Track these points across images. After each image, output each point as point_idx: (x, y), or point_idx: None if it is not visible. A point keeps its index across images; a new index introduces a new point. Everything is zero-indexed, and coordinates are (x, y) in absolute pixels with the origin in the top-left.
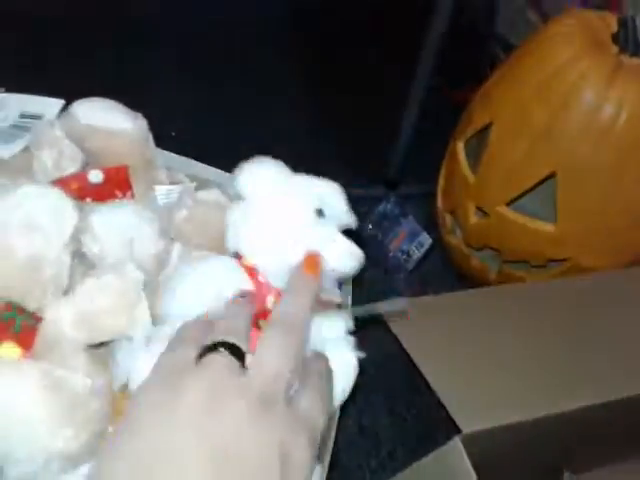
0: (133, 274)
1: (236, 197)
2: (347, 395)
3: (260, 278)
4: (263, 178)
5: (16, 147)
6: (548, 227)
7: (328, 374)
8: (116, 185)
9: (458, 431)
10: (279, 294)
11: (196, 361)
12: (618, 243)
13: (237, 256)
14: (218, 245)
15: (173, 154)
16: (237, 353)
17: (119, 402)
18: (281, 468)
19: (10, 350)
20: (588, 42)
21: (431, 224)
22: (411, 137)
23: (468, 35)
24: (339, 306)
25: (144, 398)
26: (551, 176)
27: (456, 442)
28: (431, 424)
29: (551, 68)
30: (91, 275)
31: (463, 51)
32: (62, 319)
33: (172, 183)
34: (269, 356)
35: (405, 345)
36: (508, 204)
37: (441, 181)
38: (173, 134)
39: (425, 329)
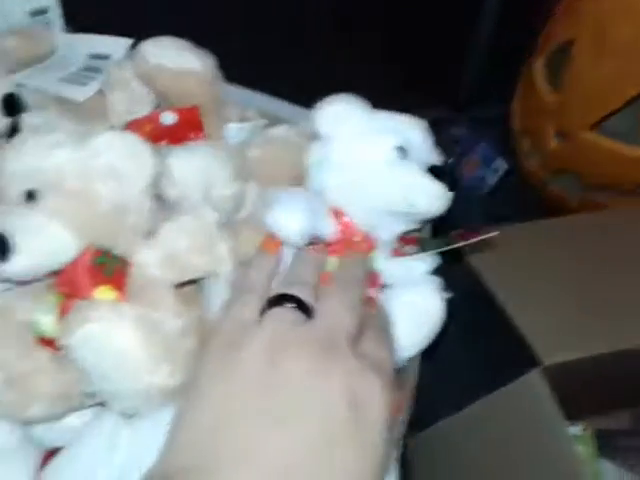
0: (210, 215)
1: (311, 134)
2: (432, 340)
3: (345, 219)
4: (343, 116)
5: (90, 90)
6: (637, 151)
7: (386, 318)
8: (189, 126)
9: (538, 363)
10: (365, 236)
11: (260, 315)
12: None
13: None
14: (292, 184)
15: (242, 89)
16: (303, 307)
17: None
18: (354, 417)
19: (106, 293)
20: None
21: (506, 149)
22: (483, 54)
23: None
24: (421, 247)
25: (208, 359)
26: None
27: (537, 373)
28: (508, 359)
29: None
30: (171, 219)
31: None
32: (149, 261)
33: (242, 120)
34: (330, 307)
35: (484, 278)
36: (592, 127)
37: (516, 102)
38: None
39: (503, 261)
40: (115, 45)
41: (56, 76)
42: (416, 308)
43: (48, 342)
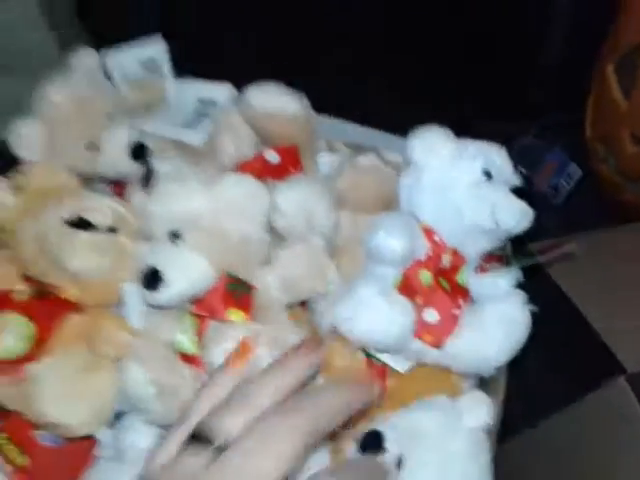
0: (317, 242)
1: (404, 160)
2: (517, 351)
3: (436, 237)
4: (434, 145)
5: (203, 134)
6: None
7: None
8: (290, 163)
9: (622, 372)
10: (454, 252)
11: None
12: None
13: None
14: (381, 209)
15: (329, 119)
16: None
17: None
18: None
19: (236, 315)
20: None
21: (579, 155)
22: (556, 59)
23: None
24: (505, 262)
25: None
26: None
27: (621, 381)
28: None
29: None
30: (284, 247)
31: None
32: (270, 285)
33: (330, 149)
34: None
35: (565, 289)
36: None
37: (589, 108)
38: None
39: (583, 270)
40: (220, 90)
41: (172, 122)
42: (505, 320)
43: (188, 359)
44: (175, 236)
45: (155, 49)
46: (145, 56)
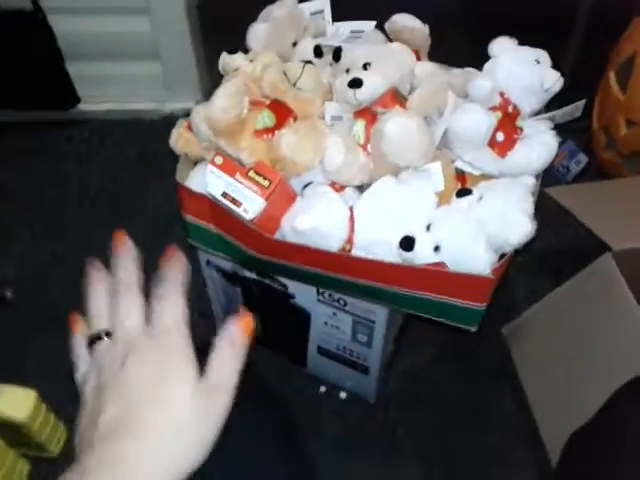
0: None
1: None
2: (546, 166)
3: (505, 96)
4: (505, 42)
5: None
6: None
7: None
8: None
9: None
10: (515, 106)
11: None
12: None
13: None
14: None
15: None
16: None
17: None
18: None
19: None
20: None
21: (585, 152)
22: (571, 72)
23: None
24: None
25: None
26: None
27: (607, 256)
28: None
29: None
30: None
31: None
32: (413, 98)
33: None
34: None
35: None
36: None
37: (596, 105)
38: None
39: (584, 193)
40: (366, 24)
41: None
42: (543, 142)
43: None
44: (365, 66)
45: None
46: (315, 7)
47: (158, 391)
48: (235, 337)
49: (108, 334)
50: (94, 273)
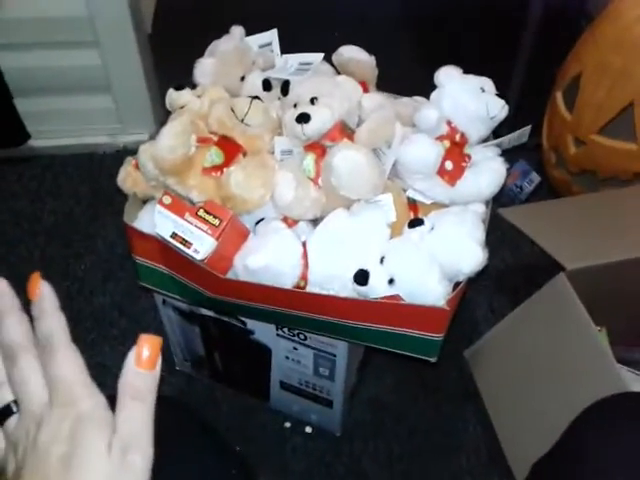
0: (388, 112)
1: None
2: (496, 192)
3: (452, 124)
4: (450, 71)
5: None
6: (630, 146)
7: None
8: None
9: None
10: (462, 134)
11: None
12: None
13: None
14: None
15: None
16: None
17: None
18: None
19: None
20: None
21: (537, 171)
22: (518, 93)
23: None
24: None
25: None
26: (630, 105)
27: (561, 276)
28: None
29: (623, 24)
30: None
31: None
32: (362, 131)
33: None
34: None
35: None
36: (598, 132)
37: (545, 125)
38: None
39: (536, 213)
40: (314, 56)
41: (285, 74)
42: (491, 169)
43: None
44: (313, 100)
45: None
46: (262, 41)
47: (72, 465)
48: (137, 376)
49: (17, 403)
50: None
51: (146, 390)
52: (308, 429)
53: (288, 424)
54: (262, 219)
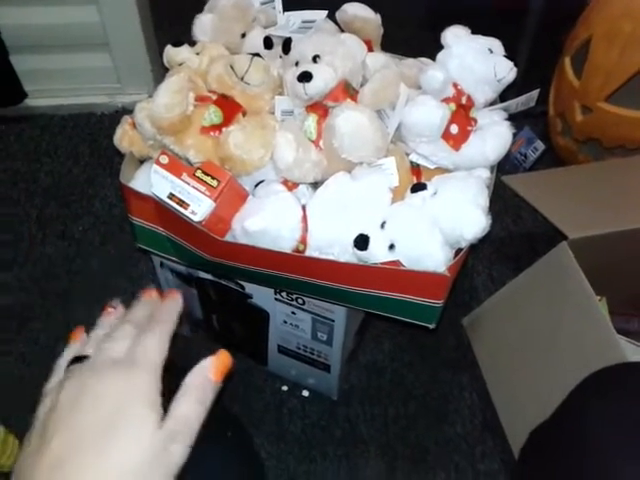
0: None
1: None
2: (501, 158)
3: (459, 87)
4: (458, 31)
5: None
6: (638, 114)
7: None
8: None
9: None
10: (469, 97)
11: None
12: None
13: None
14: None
15: None
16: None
17: None
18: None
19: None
20: None
21: (542, 136)
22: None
23: None
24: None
25: None
26: (639, 72)
27: (563, 245)
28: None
29: None
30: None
31: None
32: (365, 91)
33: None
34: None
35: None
36: (606, 98)
37: (552, 91)
38: None
39: (540, 181)
40: (317, 13)
41: (287, 31)
42: (497, 133)
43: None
44: (315, 58)
45: None
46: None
47: (109, 435)
48: (207, 382)
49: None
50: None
51: (209, 396)
52: (305, 393)
53: (285, 387)
54: (262, 181)
